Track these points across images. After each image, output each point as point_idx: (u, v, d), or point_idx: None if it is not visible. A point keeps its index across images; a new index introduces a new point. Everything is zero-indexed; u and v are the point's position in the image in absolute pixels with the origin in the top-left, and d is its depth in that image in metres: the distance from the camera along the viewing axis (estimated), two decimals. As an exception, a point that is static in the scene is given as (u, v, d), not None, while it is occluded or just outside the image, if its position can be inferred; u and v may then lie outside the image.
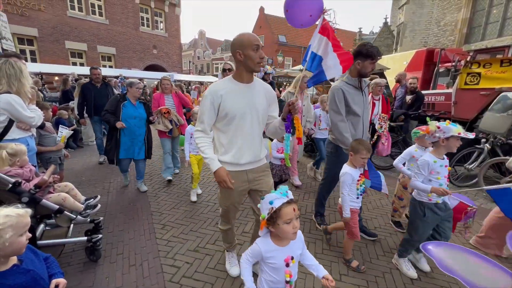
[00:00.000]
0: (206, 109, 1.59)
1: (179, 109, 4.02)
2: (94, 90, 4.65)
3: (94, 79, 4.66)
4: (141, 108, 3.44)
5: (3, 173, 1.71)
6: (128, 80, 3.45)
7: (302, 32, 29.41)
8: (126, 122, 3.28)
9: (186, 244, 2.50)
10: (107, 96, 4.60)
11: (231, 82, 1.62)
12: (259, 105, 1.65)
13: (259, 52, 1.51)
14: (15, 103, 2.14)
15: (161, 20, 20.56)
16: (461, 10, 11.63)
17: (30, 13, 14.25)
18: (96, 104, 4.60)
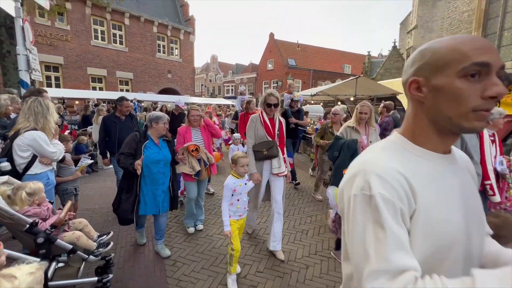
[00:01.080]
0: (390, 231, 0.55)
1: (208, 144, 3.33)
2: (119, 124, 3.91)
3: (125, 112, 3.96)
4: (165, 148, 2.72)
5: (21, 213, 1.72)
6: (153, 114, 2.66)
7: (311, 56, 30.24)
8: (148, 169, 2.55)
9: (197, 285, 2.38)
10: (132, 129, 3.90)
11: (408, 152, 0.66)
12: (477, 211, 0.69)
13: (491, 80, 0.56)
14: (40, 140, 2.22)
15: (176, 47, 21.75)
16: (472, 34, 11.67)
17: (58, 43, 15.46)
18: (120, 140, 3.83)
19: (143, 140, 2.59)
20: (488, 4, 11.24)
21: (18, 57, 3.93)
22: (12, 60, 5.20)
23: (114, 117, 3.97)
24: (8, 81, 5.30)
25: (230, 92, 35.38)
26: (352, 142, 2.81)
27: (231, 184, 2.28)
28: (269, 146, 2.68)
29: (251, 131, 2.76)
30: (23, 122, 2.21)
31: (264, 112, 2.78)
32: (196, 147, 3.04)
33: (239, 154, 2.36)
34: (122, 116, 3.99)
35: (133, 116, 4.24)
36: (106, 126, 3.89)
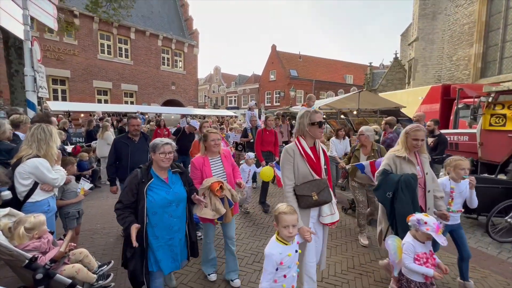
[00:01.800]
0: None
1: (232, 176, 2.60)
2: (131, 146, 3.47)
3: (132, 131, 3.52)
4: (178, 182, 2.10)
5: (21, 248, 1.68)
6: (153, 142, 2.04)
7: (313, 66, 30.56)
8: (156, 216, 1.92)
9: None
10: (147, 152, 3.42)
11: None
12: None
13: None
14: (42, 167, 2.21)
15: (180, 60, 22.18)
16: (473, 46, 11.74)
17: (65, 57, 15.85)
18: (133, 165, 3.13)
19: (145, 180, 1.94)
20: (488, 16, 11.35)
21: (26, 78, 4.00)
22: (20, 79, 5.31)
23: (126, 138, 3.53)
24: (15, 99, 5.40)
25: (233, 103, 35.71)
26: (411, 179, 2.16)
27: (276, 255, 1.57)
28: (319, 188, 1.93)
29: (288, 168, 1.99)
30: (25, 149, 2.21)
31: (303, 139, 2.02)
32: (220, 184, 2.32)
33: (282, 208, 1.66)
34: (134, 137, 3.54)
35: (148, 137, 3.72)
36: (116, 149, 3.43)
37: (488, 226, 3.52)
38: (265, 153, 4.75)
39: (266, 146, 4.81)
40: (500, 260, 3.21)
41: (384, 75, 19.36)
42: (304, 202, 1.93)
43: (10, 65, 5.44)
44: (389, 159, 2.36)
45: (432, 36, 13.65)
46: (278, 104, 28.77)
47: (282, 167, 2.04)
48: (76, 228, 2.93)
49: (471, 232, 3.98)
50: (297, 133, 2.08)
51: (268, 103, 30.67)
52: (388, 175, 2.28)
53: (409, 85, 14.77)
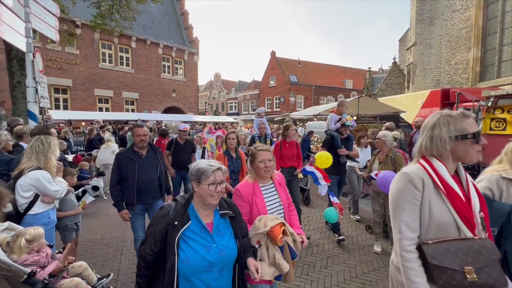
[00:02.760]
0: None
1: (287, 213, 1.89)
2: (138, 162, 2.77)
3: (138, 143, 2.81)
4: (227, 231, 1.40)
5: (20, 263, 1.67)
6: (197, 167, 1.35)
7: (312, 72, 30.79)
8: (186, 285, 1.26)
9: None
10: (157, 169, 2.88)
11: None
12: None
13: None
14: (43, 179, 2.21)
15: (181, 67, 22.43)
16: (471, 50, 11.81)
17: (67, 67, 16.07)
18: (141, 187, 2.74)
19: (179, 224, 1.28)
20: (485, 21, 11.45)
21: (27, 89, 4.04)
22: (22, 90, 5.37)
23: (131, 152, 2.82)
24: (17, 110, 5.45)
25: (234, 109, 35.88)
26: None
27: None
28: (478, 260, 1.07)
29: (411, 210, 1.17)
30: (26, 162, 2.22)
31: (439, 162, 1.20)
32: (282, 225, 1.57)
33: None
34: (141, 151, 2.84)
35: (157, 150, 3.00)
36: (120, 166, 2.73)
37: (492, 232, 3.47)
38: (286, 169, 3.80)
39: (287, 161, 3.87)
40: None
41: (384, 80, 19.47)
42: (445, 280, 1.06)
43: (13, 76, 5.51)
44: (491, 181, 1.55)
45: (430, 41, 13.75)
46: (278, 109, 28.88)
47: (396, 205, 1.21)
48: (75, 239, 2.91)
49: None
50: (425, 152, 1.24)
51: (268, 108, 30.79)
52: (491, 204, 1.49)
53: (408, 89, 14.83)
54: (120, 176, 2.74)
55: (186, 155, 4.63)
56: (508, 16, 10.57)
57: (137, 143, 2.81)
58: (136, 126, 2.89)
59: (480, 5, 11.37)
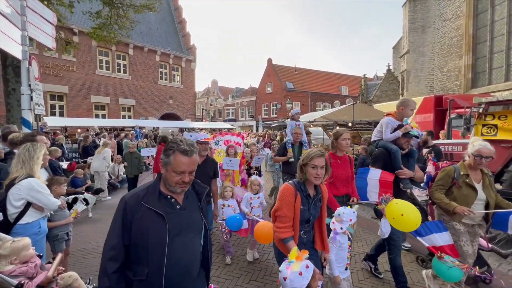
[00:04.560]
0: None
1: None
2: (172, 219, 1.29)
3: (175, 185, 1.29)
4: None
5: (7, 274, 1.64)
6: None
7: (308, 78, 31.15)
8: None
9: None
10: (201, 231, 1.43)
11: None
12: None
13: None
14: (38, 186, 2.20)
15: (178, 74, 22.54)
16: (463, 58, 12.10)
17: (64, 73, 16.06)
18: (174, 270, 1.28)
19: None
20: (475, 29, 11.78)
21: (22, 96, 4.03)
22: (16, 97, 5.35)
23: (158, 198, 1.30)
24: (11, 117, 5.42)
25: (231, 115, 36.00)
26: None
27: None
28: None
29: None
30: (16, 171, 2.21)
31: None
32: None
33: None
34: (177, 197, 1.34)
35: (202, 191, 1.47)
36: (127, 223, 1.26)
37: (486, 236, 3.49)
38: (338, 198, 2.64)
39: (341, 185, 2.70)
40: (501, 272, 3.17)
41: (378, 86, 19.76)
42: None
43: (7, 83, 5.50)
44: None
45: (423, 49, 14.07)
46: (275, 116, 29.05)
47: None
48: (66, 249, 2.86)
49: (470, 244, 3.93)
50: None
51: (266, 115, 30.96)
52: None
53: (402, 96, 15.06)
54: (127, 249, 1.27)
55: (205, 179, 2.92)
56: (497, 25, 10.89)
57: (172, 185, 1.28)
58: (175, 151, 1.26)
59: (470, 15, 11.72)
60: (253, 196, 3.45)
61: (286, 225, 1.77)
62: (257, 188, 3.52)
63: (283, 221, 1.78)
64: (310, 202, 1.85)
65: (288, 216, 1.78)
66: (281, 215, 1.79)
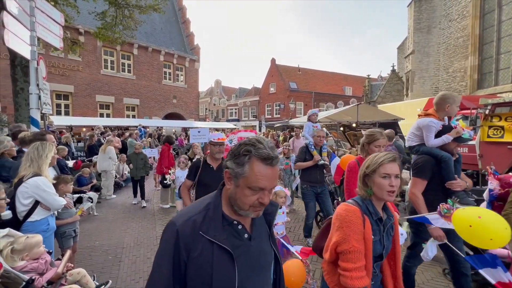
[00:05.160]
0: None
1: None
2: (241, 255, 0.90)
3: (250, 208, 0.90)
4: None
5: (18, 270, 1.68)
6: None
7: (312, 79, 31.07)
8: None
9: None
10: (270, 266, 1.04)
11: None
12: None
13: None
14: (44, 185, 2.24)
15: (182, 74, 22.65)
16: (468, 58, 11.97)
17: (70, 73, 16.24)
18: None
19: None
20: (481, 30, 11.65)
21: (30, 96, 4.09)
22: (24, 97, 5.43)
23: (221, 225, 0.90)
24: (19, 116, 5.50)
25: (234, 115, 36.06)
26: None
27: None
28: None
29: None
30: (25, 169, 2.25)
31: None
32: None
33: None
34: (244, 222, 0.94)
35: (272, 210, 1.06)
36: (180, 264, 0.86)
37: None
38: None
39: None
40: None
41: (383, 87, 19.64)
42: None
43: (16, 83, 5.58)
44: None
45: (428, 49, 13.95)
46: (279, 116, 29.03)
47: None
48: (73, 246, 2.91)
49: (475, 246, 3.90)
50: None
51: (269, 115, 30.94)
52: None
53: (407, 96, 14.95)
54: None
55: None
56: (504, 25, 10.76)
57: (244, 207, 0.90)
58: (255, 156, 0.88)
59: (477, 15, 11.59)
60: None
61: (358, 266, 1.20)
62: (283, 201, 2.75)
63: (353, 259, 1.20)
64: (381, 229, 1.31)
65: (359, 251, 1.21)
66: (349, 250, 1.21)
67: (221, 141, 2.57)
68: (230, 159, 0.90)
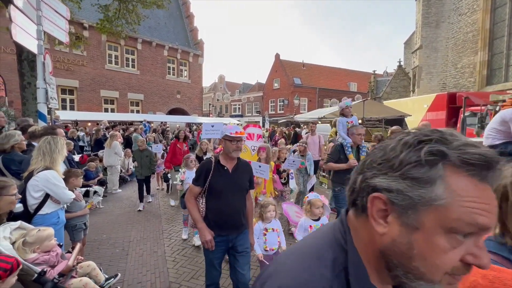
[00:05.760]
0: None
1: None
2: None
3: None
4: None
5: (31, 262, 1.70)
6: None
7: (316, 74, 30.77)
8: None
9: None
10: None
11: None
12: None
13: None
14: (54, 179, 2.25)
15: (185, 69, 22.59)
16: (478, 54, 11.71)
17: (74, 68, 16.30)
18: None
19: None
20: (492, 24, 11.36)
21: (38, 90, 4.11)
22: (31, 91, 5.46)
23: None
24: (27, 110, 5.54)
25: (237, 111, 35.97)
26: None
27: None
28: None
29: None
30: (35, 163, 2.27)
31: None
32: None
33: None
34: None
35: None
36: None
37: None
38: None
39: None
40: None
41: (389, 83, 19.38)
42: None
43: (23, 77, 5.61)
44: None
45: (436, 44, 13.67)
46: (282, 112, 28.89)
47: None
48: (83, 239, 2.95)
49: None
50: None
51: (272, 111, 30.82)
52: None
53: (413, 92, 14.73)
54: None
55: (241, 195, 2.13)
56: (516, 19, 10.47)
57: (433, 274, 0.43)
58: (463, 168, 0.40)
59: (487, 9, 11.29)
60: (313, 223, 2.45)
61: None
62: (320, 212, 2.48)
63: None
64: None
65: None
66: None
67: (239, 135, 1.98)
68: (383, 172, 0.45)
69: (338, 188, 3.33)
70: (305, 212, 2.59)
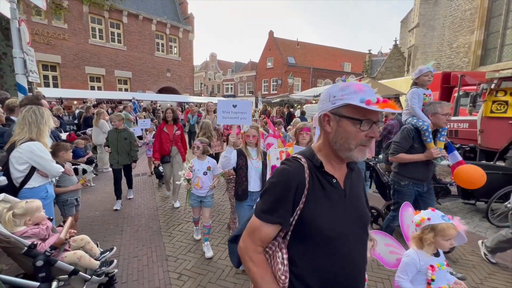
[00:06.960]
0: None
1: None
2: None
3: None
4: None
5: (19, 235, 1.61)
6: None
7: (311, 54, 30.06)
8: None
9: (205, 301, 2.26)
10: None
11: None
12: None
13: None
14: (38, 150, 2.11)
15: (175, 45, 21.55)
16: (474, 33, 11.57)
17: (55, 42, 15.24)
18: None
19: None
20: (491, 2, 11.13)
21: (15, 60, 3.79)
22: (8, 62, 5.06)
23: None
24: (4, 83, 5.17)
25: (230, 91, 35.19)
26: None
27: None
28: None
29: None
30: (19, 133, 2.10)
31: None
32: None
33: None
34: None
35: None
36: None
37: (488, 211, 3.56)
38: None
39: None
40: (498, 244, 3.26)
41: (383, 63, 19.16)
42: None
43: (-3, 47, 5.17)
44: None
45: (433, 22, 13.40)
46: (275, 92, 28.45)
47: None
48: (75, 215, 2.87)
49: (470, 217, 4.04)
50: None
51: (265, 91, 30.31)
52: None
53: (408, 72, 14.65)
54: None
55: (363, 244, 0.99)
56: (515, -3, 10.27)
57: None
58: None
59: (488, -15, 10.99)
60: (435, 261, 1.59)
61: None
62: (452, 245, 1.56)
63: None
64: None
65: None
66: None
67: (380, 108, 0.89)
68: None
69: (406, 183, 2.58)
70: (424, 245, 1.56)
